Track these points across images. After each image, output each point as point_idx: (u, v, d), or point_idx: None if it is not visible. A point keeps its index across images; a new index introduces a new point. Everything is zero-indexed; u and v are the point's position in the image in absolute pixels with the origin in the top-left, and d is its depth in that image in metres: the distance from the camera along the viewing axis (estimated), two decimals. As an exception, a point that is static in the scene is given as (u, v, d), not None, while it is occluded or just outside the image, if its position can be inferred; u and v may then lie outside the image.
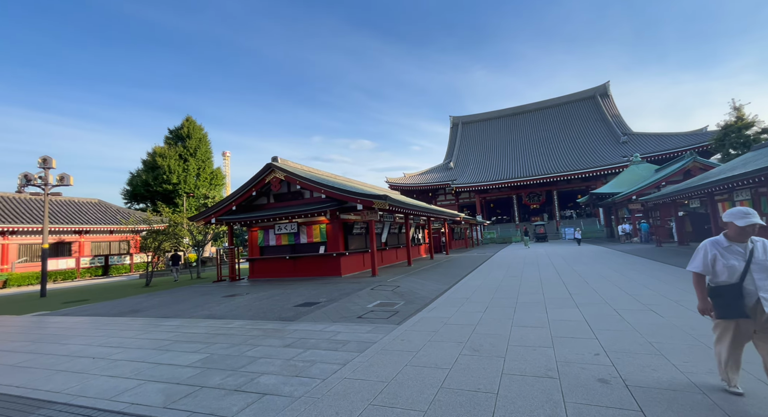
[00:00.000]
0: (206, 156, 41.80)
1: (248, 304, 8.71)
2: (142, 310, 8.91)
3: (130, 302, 10.42)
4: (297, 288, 10.85)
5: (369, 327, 5.75)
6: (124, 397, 3.51)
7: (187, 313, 8.05)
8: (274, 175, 13.46)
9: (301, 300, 8.71)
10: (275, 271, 14.18)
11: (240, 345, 5.15)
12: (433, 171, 54.06)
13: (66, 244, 25.04)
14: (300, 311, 7.39)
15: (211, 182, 41.22)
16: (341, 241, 13.39)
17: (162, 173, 36.83)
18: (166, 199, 36.63)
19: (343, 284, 10.94)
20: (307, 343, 5.03)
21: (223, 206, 14.05)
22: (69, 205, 27.44)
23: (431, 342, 4.72)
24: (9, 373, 4.51)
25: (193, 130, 41.41)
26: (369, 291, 9.28)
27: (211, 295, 10.61)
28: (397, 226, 18.70)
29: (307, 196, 14.01)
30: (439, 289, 9.23)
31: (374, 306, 7.49)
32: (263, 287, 11.64)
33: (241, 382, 3.74)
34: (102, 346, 5.53)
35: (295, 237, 13.92)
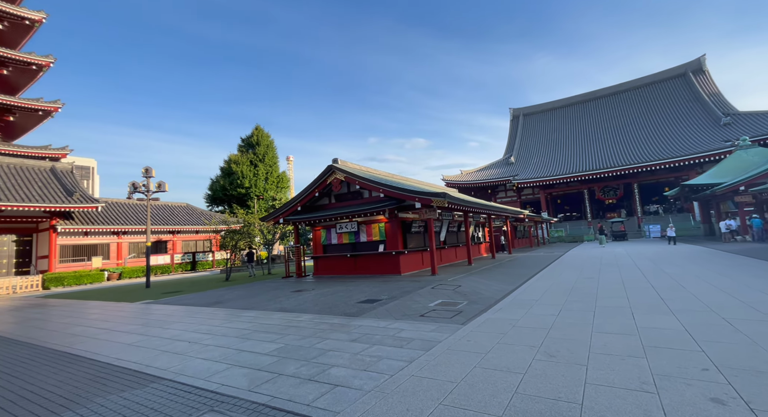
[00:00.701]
0: (273, 161, 45.09)
1: (314, 299, 9.19)
2: (225, 301, 9.91)
3: (214, 294, 11.65)
4: (358, 285, 11.16)
5: (432, 326, 5.69)
6: (216, 378, 3.92)
7: (262, 305, 8.75)
8: (334, 176, 14.02)
9: (363, 297, 8.94)
10: (337, 269, 14.77)
11: (310, 337, 5.44)
12: (492, 167, 51.76)
13: (163, 243, 28.90)
14: (363, 308, 7.58)
15: (278, 185, 44.34)
16: (400, 239, 13.46)
17: (236, 178, 40.62)
18: (240, 202, 40.32)
19: (402, 282, 10.98)
20: (372, 339, 5.13)
21: (289, 207, 15.02)
22: (164, 209, 31.63)
23: (500, 344, 4.50)
24: (128, 351, 5.33)
25: (262, 138, 44.95)
26: (429, 290, 9.19)
27: (281, 290, 11.41)
28: (455, 224, 18.26)
29: (366, 196, 14.34)
30: (504, 290, 8.79)
31: (436, 305, 7.39)
32: (327, 284, 12.18)
33: (313, 372, 3.94)
34: (195, 332, 6.26)
35: (356, 236, 14.34)
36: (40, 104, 28.47)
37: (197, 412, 3.13)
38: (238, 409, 3.14)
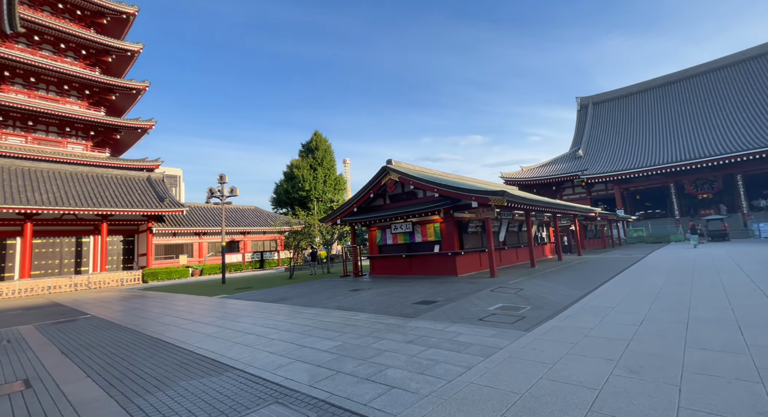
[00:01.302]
0: (330, 164, 47.04)
1: (371, 298, 9.33)
2: (288, 298, 10.53)
3: (279, 291, 12.46)
4: (414, 286, 11.09)
5: (492, 331, 5.40)
6: (280, 371, 4.16)
7: (322, 303, 9.12)
8: (389, 177, 14.13)
9: (419, 298, 8.85)
10: (393, 269, 14.86)
11: (366, 337, 5.52)
12: (556, 162, 48.02)
13: (236, 243, 31.78)
14: (419, 309, 7.50)
15: (335, 187, 46.13)
16: (456, 239, 13.11)
17: (297, 182, 43.14)
18: (302, 204, 42.72)
19: (459, 284, 10.66)
20: (428, 342, 5.04)
21: (346, 208, 15.49)
22: (236, 212, 34.78)
23: (570, 355, 4.10)
24: (207, 341, 5.91)
25: (320, 143, 47.16)
26: (489, 292, 8.78)
27: (339, 289, 11.79)
28: (516, 223, 17.26)
29: (421, 196, 14.22)
30: (573, 295, 8.05)
31: (496, 309, 7.03)
32: (383, 283, 12.30)
33: (370, 372, 3.97)
34: (262, 326, 6.73)
35: (411, 236, 14.29)
36: (139, 123, 33.21)
37: (264, 403, 3.33)
38: (299, 404, 3.28)
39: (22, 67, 27.72)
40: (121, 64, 34.53)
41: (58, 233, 23.93)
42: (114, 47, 32.04)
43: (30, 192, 21.89)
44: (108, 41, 31.44)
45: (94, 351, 5.68)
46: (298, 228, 23.32)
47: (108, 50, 32.44)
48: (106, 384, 4.02)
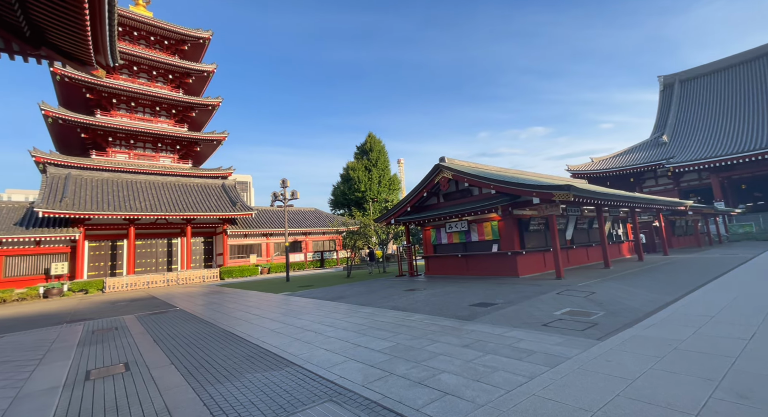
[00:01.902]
0: (385, 165, 47.65)
1: (426, 299, 9.18)
2: (346, 297, 10.84)
3: (337, 290, 12.90)
4: (471, 286, 10.68)
5: (558, 338, 4.94)
6: (335, 369, 4.25)
7: (377, 303, 9.22)
8: (442, 175, 13.81)
9: (476, 299, 8.48)
10: (449, 269, 14.49)
11: (420, 338, 5.41)
12: (634, 150, 42.81)
13: (298, 243, 33.76)
14: (476, 311, 7.18)
15: (390, 187, 46.61)
16: (516, 238, 12.34)
17: (353, 183, 44.45)
18: (358, 205, 43.91)
19: (521, 286, 10.01)
20: (486, 347, 4.77)
21: (399, 208, 15.50)
22: (298, 214, 36.93)
23: (656, 371, 3.56)
24: (271, 336, 6.31)
25: (374, 144, 48.05)
26: (554, 295, 8.09)
27: (394, 289, 11.82)
28: (586, 220, 15.72)
29: (476, 193, 13.66)
30: (658, 301, 7.05)
31: (562, 313, 6.43)
32: (438, 284, 12.06)
33: (423, 376, 3.87)
34: (320, 324, 7.00)
35: (466, 235, 13.80)
36: (214, 136, 36.99)
37: (319, 400, 3.42)
38: (352, 403, 3.31)
39: (126, 94, 32.55)
40: (199, 83, 38.73)
41: (154, 235, 27.65)
42: (194, 69, 36.09)
43: (132, 200, 25.62)
44: (189, 65, 35.52)
45: (178, 340, 6.40)
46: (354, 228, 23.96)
47: (189, 73, 36.62)
48: (186, 371, 4.48)
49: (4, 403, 3.69)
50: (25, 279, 21.86)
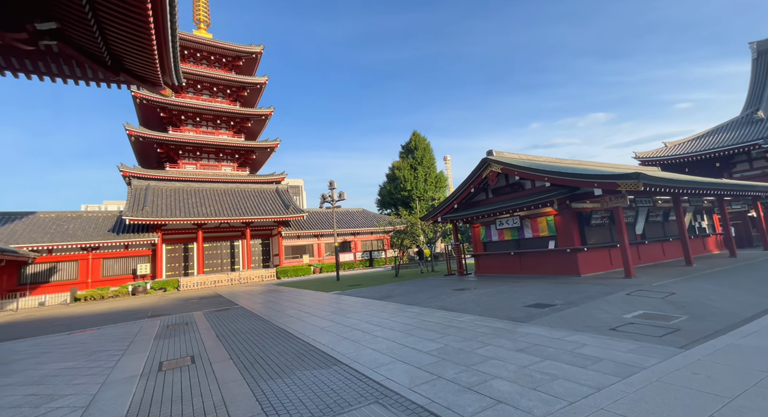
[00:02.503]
0: (430, 163, 47.00)
1: (476, 298, 8.80)
2: (393, 296, 10.81)
3: (385, 289, 12.93)
4: (525, 286, 10.04)
5: (630, 344, 4.39)
6: (381, 370, 4.20)
7: (425, 302, 9.04)
8: (490, 169, 13.19)
9: (531, 300, 7.93)
10: (500, 267, 13.81)
11: (470, 340, 5.15)
12: (719, 131, 37.18)
13: (347, 243, 34.61)
14: (531, 312, 6.69)
15: (436, 185, 45.87)
16: (576, 234, 11.36)
17: (399, 183, 44.48)
18: (405, 204, 43.84)
19: (582, 285, 9.18)
20: (543, 352, 4.40)
21: (446, 206, 15.10)
22: (346, 215, 37.87)
23: (761, 389, 2.98)
24: (321, 334, 6.46)
25: (419, 142, 47.63)
26: (623, 296, 7.27)
27: (443, 288, 11.53)
28: (659, 212, 14.00)
29: (528, 187, 12.84)
30: (760, 304, 5.99)
31: (635, 317, 5.74)
32: (489, 283, 11.52)
33: (473, 381, 3.65)
34: (368, 323, 7.02)
35: (519, 231, 13.03)
36: (267, 144, 39.38)
37: (365, 401, 3.38)
38: (398, 407, 3.21)
39: (192, 110, 35.94)
40: (253, 95, 41.45)
41: (218, 238, 30.13)
42: (248, 83, 38.76)
43: (199, 207, 28.19)
44: (244, 79, 38.23)
45: (237, 336, 6.83)
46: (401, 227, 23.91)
47: (244, 86, 39.40)
48: (242, 366, 4.74)
49: (94, 388, 4.19)
50: (118, 278, 25.10)
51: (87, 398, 3.84)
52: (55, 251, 23.21)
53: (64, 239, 23.31)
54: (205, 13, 41.66)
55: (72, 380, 4.61)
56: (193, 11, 41.29)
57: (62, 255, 23.55)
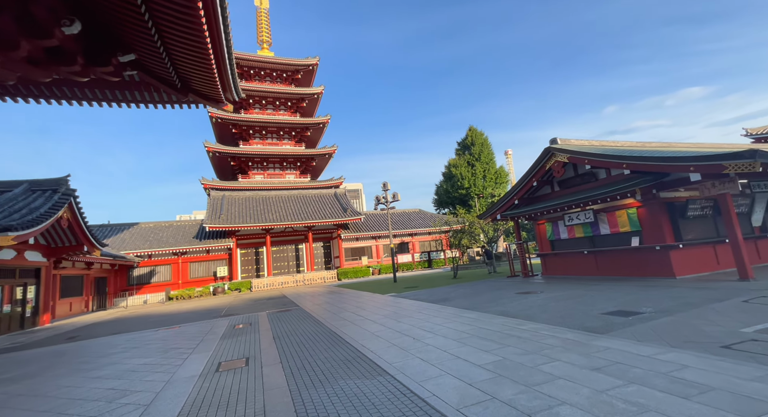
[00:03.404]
0: (489, 158, 44.74)
1: (542, 304, 7.88)
2: (450, 299, 10.25)
3: (442, 292, 12.38)
4: (603, 289, 8.76)
5: (755, 370, 3.40)
6: (428, 385, 3.82)
7: (483, 307, 8.36)
8: (554, 159, 11.90)
9: (610, 306, 6.83)
10: (571, 268, 12.36)
11: (533, 354, 4.51)
12: None
13: (405, 244, 34.43)
14: (611, 321, 5.71)
15: (496, 181, 43.48)
16: (667, 228, 9.66)
17: (456, 181, 43.08)
18: (463, 202, 42.31)
19: (679, 289, 7.70)
20: (627, 373, 3.62)
21: (505, 202, 14.02)
22: (403, 216, 37.75)
23: None
24: (370, 340, 6.27)
25: (475, 137, 45.67)
26: (739, 304, 5.87)
27: (504, 291, 10.63)
28: (784, 198, 11.29)
29: (602, 177, 11.30)
30: None
31: (758, 332, 4.53)
32: (559, 286, 10.34)
33: (536, 405, 3.10)
34: (420, 329, 6.65)
35: (593, 227, 11.52)
36: (326, 150, 41.11)
37: (406, 420, 3.05)
38: (442, 431, 2.82)
39: (259, 124, 39.08)
40: (311, 105, 43.64)
41: (284, 242, 32.13)
42: (307, 94, 40.97)
43: (267, 213, 30.36)
44: (303, 90, 40.51)
45: (291, 339, 6.96)
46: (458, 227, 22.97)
47: (303, 97, 41.71)
48: (289, 372, 4.72)
49: (160, 386, 4.50)
50: (202, 280, 28.13)
51: (151, 396, 4.12)
52: (153, 256, 26.81)
53: (160, 246, 26.81)
54: (267, 34, 45.06)
55: (146, 376, 5.04)
56: (257, 34, 44.96)
57: (159, 260, 27.11)
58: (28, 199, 13.08)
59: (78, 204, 14.58)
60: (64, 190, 13.90)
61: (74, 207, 14.33)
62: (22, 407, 4.17)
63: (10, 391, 4.86)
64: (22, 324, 13.39)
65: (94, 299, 22.23)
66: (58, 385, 4.92)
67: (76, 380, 5.13)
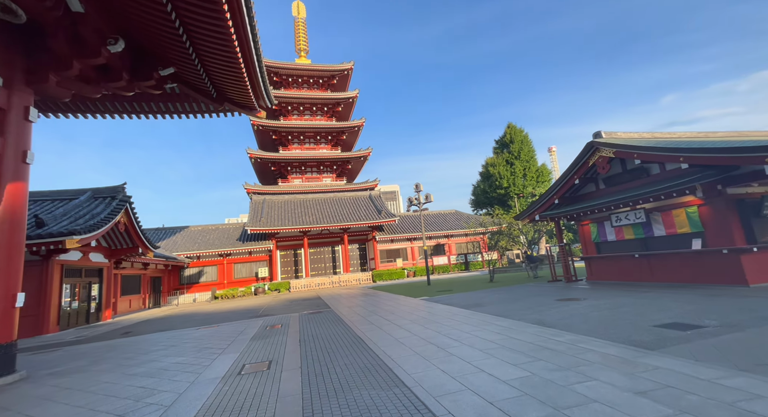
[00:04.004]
0: (529, 156, 42.63)
1: (584, 312, 7.20)
2: (483, 305, 9.76)
3: (476, 296, 11.85)
4: (656, 298, 7.86)
5: None
6: (446, 401, 3.56)
7: (518, 314, 7.82)
8: (599, 154, 10.95)
9: (665, 317, 6.06)
10: (620, 273, 11.27)
11: (568, 370, 4.06)
12: None
13: (441, 246, 33.75)
14: (664, 336, 5.04)
15: (538, 180, 41.29)
16: (736, 229, 8.47)
17: (494, 180, 41.50)
18: (501, 203, 40.67)
19: (753, 299, 6.68)
20: (681, 400, 3.11)
21: (544, 201, 13.15)
22: (438, 217, 37.07)
23: None
24: (393, 347, 6.08)
25: (515, 135, 43.75)
26: (830, 321, 4.91)
27: (543, 297, 9.92)
28: None
29: (655, 172, 10.20)
30: None
31: None
32: (605, 292, 9.44)
33: (562, 434, 2.74)
34: (446, 336, 6.34)
35: (645, 228, 10.42)
36: (360, 153, 41.63)
37: (415, 440, 2.83)
38: (452, 457, 2.57)
39: (298, 130, 40.51)
40: (346, 109, 44.43)
41: (320, 244, 32.87)
42: (342, 98, 41.81)
43: (305, 216, 31.27)
44: (339, 95, 41.41)
45: (316, 343, 6.97)
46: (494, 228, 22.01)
47: (339, 102, 42.60)
48: (306, 379, 4.67)
49: (184, 387, 4.66)
50: (245, 280, 29.56)
51: (174, 397, 4.25)
52: (201, 257, 28.66)
53: (207, 247, 28.60)
54: (304, 42, 46.67)
55: (175, 376, 5.26)
56: (294, 43, 46.73)
57: (206, 261, 28.92)
58: (91, 205, 14.51)
59: (133, 209, 15.93)
60: (120, 196, 15.25)
61: (130, 212, 15.66)
62: (63, 401, 4.51)
63: (59, 384, 5.31)
64: (87, 319, 14.86)
65: (150, 297, 24.19)
66: (98, 381, 5.29)
67: (115, 377, 5.48)
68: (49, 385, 5.34)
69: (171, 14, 6.94)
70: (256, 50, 9.56)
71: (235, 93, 11.36)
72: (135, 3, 6.82)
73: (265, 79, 11.61)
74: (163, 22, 7.30)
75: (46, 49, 6.66)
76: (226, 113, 12.65)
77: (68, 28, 6.59)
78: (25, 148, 6.45)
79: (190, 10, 6.89)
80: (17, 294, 6.05)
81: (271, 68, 40.97)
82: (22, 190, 6.31)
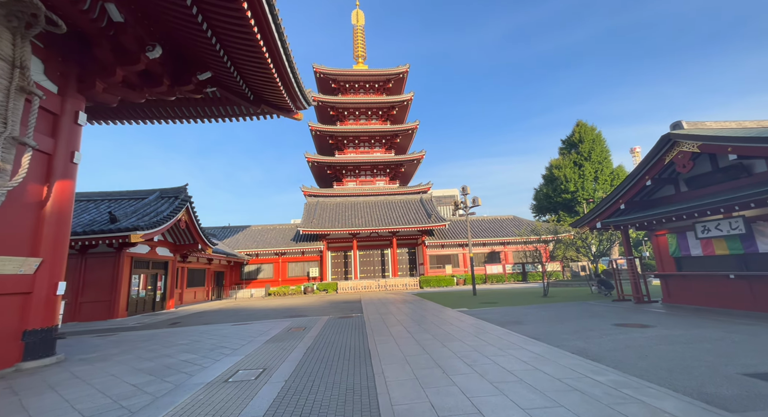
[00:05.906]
0: (602, 156, 37.96)
1: (646, 344, 5.73)
2: (522, 323, 8.51)
3: (519, 312, 10.49)
4: (756, 333, 6.00)
5: None
6: (413, 449, 2.84)
7: (558, 338, 6.56)
8: (677, 149, 8.96)
9: (763, 363, 4.48)
10: (707, 297, 9.04)
11: (594, 430, 3.03)
12: None
13: (496, 253, 31.54)
14: (758, 391, 3.64)
15: (611, 184, 36.49)
16: None
17: (559, 184, 37.71)
18: (567, 208, 36.77)
19: None
20: None
21: (607, 206, 11.21)
22: (494, 222, 34.77)
23: None
24: (394, 365, 5.39)
25: (585, 134, 39.39)
26: None
27: (600, 319, 8.31)
28: None
29: (759, 170, 7.98)
30: None
31: None
32: (681, 320, 7.57)
33: None
34: (459, 359, 5.46)
35: (744, 241, 8.20)
36: (414, 156, 41.15)
37: None
38: None
39: (353, 134, 41.51)
40: (401, 112, 44.32)
41: (370, 247, 32.92)
42: (397, 101, 41.87)
43: (355, 218, 31.64)
44: (394, 98, 41.54)
45: (322, 352, 6.56)
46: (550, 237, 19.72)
47: (394, 105, 42.74)
48: (282, 396, 4.26)
49: (165, 390, 4.57)
50: (297, 279, 30.80)
51: (147, 401, 4.16)
52: (260, 255, 30.57)
53: (265, 246, 30.41)
54: (362, 49, 47.89)
55: (169, 376, 5.26)
56: (353, 49, 48.23)
57: (263, 258, 30.76)
58: (157, 204, 16.18)
59: (193, 208, 17.42)
60: (182, 196, 16.76)
61: (190, 210, 17.15)
62: (62, 391, 4.72)
63: (75, 373, 5.66)
64: (153, 306, 16.56)
65: (213, 290, 26.42)
66: (106, 373, 5.53)
67: (122, 370, 5.68)
68: (68, 372, 5.73)
69: (197, 17, 7.21)
70: (285, 52, 9.64)
71: (270, 95, 11.67)
72: (167, 10, 7.22)
73: (299, 82, 11.73)
74: (193, 26, 7.63)
75: (92, 58, 7.37)
76: (264, 116, 13.07)
77: (111, 37, 7.20)
78: (73, 149, 7.19)
79: (213, 11, 7.07)
80: (59, 283, 6.68)
81: (329, 75, 42.61)
82: (69, 188, 7.01)
